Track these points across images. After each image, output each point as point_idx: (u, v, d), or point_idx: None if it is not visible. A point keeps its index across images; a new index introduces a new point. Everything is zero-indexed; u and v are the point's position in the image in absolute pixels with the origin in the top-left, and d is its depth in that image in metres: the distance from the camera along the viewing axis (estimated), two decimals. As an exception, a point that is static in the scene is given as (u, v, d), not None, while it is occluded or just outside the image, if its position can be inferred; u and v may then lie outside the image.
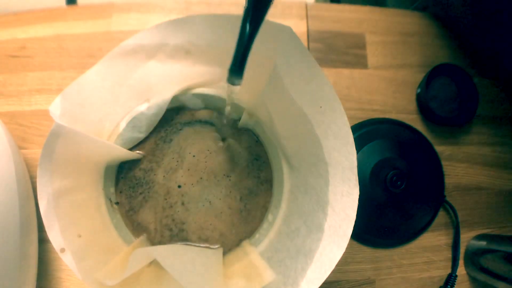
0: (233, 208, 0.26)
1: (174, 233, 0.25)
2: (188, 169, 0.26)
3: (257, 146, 0.27)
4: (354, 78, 0.36)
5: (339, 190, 0.22)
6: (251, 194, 0.26)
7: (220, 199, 0.26)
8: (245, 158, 0.27)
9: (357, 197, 0.21)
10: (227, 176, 0.26)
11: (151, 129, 0.26)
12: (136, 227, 0.25)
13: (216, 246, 0.25)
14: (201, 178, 0.26)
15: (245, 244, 0.25)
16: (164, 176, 0.26)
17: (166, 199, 0.26)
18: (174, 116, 0.27)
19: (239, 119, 0.27)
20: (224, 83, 0.27)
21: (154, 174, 0.26)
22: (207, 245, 0.25)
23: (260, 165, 0.27)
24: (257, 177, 0.27)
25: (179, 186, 0.26)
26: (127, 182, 0.26)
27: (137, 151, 0.26)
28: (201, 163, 0.26)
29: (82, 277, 0.20)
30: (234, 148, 0.27)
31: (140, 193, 0.26)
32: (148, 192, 0.26)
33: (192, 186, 0.26)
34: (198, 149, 0.26)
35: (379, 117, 0.36)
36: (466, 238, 0.34)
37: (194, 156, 0.26)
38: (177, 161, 0.26)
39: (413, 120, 0.36)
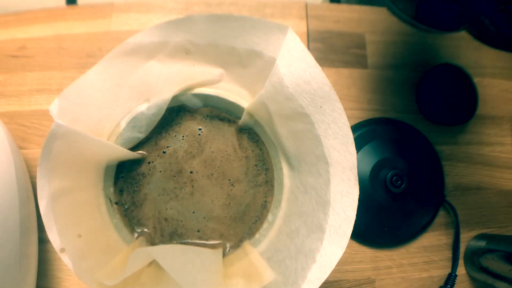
0: (234, 209, 0.26)
1: (174, 232, 0.25)
2: (205, 161, 0.26)
3: (258, 147, 0.27)
4: (354, 78, 0.37)
5: (339, 190, 0.22)
6: (251, 195, 0.26)
7: (221, 200, 0.26)
8: (249, 162, 0.27)
9: (357, 196, 0.21)
10: (231, 184, 0.26)
11: (151, 129, 0.26)
12: (136, 225, 0.25)
13: (216, 243, 0.25)
14: (212, 174, 0.26)
15: (245, 244, 0.25)
16: (173, 164, 0.26)
17: (168, 194, 0.26)
18: (174, 116, 0.27)
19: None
20: (224, 83, 0.27)
21: (159, 171, 0.26)
22: (207, 244, 0.25)
23: (261, 166, 0.27)
24: (258, 179, 0.27)
25: (191, 172, 0.26)
26: (128, 180, 0.26)
27: (138, 151, 0.26)
28: (217, 160, 0.26)
29: (82, 277, 0.20)
30: (246, 156, 0.27)
31: (141, 191, 0.26)
32: (150, 189, 0.26)
33: (202, 177, 0.26)
34: (218, 148, 0.26)
35: (379, 116, 0.36)
36: (466, 238, 0.34)
37: (213, 152, 0.26)
38: (197, 149, 0.26)
39: (413, 120, 0.36)
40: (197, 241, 0.25)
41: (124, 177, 0.26)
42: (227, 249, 0.25)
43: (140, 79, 0.25)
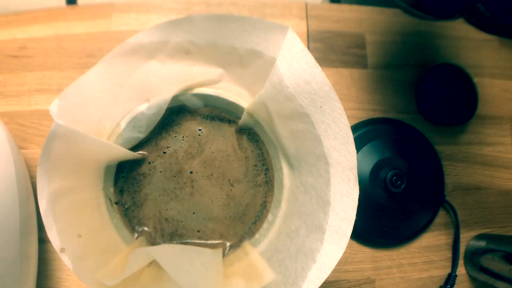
0: (233, 210, 0.26)
1: (175, 233, 0.25)
2: (205, 161, 0.26)
3: (258, 147, 0.27)
4: (354, 78, 0.37)
5: (339, 190, 0.22)
6: (251, 195, 0.26)
7: (221, 201, 0.26)
8: (249, 162, 0.27)
9: (357, 196, 0.21)
10: (231, 184, 0.26)
11: (151, 129, 0.26)
12: (137, 224, 0.25)
13: (216, 243, 0.25)
14: (211, 174, 0.26)
15: (245, 244, 0.25)
16: (173, 165, 0.26)
17: (169, 194, 0.26)
18: (174, 117, 0.27)
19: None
20: (224, 83, 0.27)
21: (159, 171, 0.26)
22: (207, 244, 0.25)
23: (261, 166, 0.27)
24: (258, 179, 0.27)
25: (191, 172, 0.26)
26: (129, 180, 0.26)
27: (139, 152, 0.26)
28: (217, 161, 0.26)
29: (82, 277, 0.20)
30: (246, 156, 0.27)
31: (142, 191, 0.26)
32: (151, 189, 0.26)
33: (202, 177, 0.26)
34: (218, 148, 0.27)
35: (379, 117, 0.36)
36: (466, 238, 0.34)
37: (212, 152, 0.26)
38: (197, 150, 0.26)
39: (413, 120, 0.36)
40: (197, 241, 0.25)
41: (124, 177, 0.26)
42: (227, 249, 0.25)
43: (140, 79, 0.25)
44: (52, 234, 0.21)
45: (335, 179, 0.22)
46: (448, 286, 0.32)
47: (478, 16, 0.27)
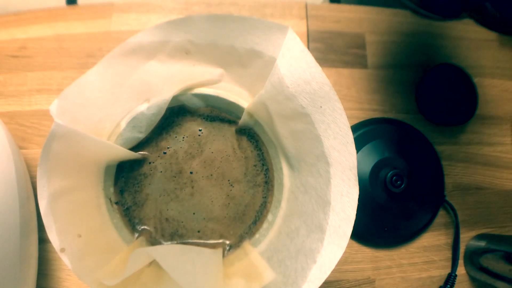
0: (233, 210, 0.26)
1: (175, 233, 0.25)
2: (204, 161, 0.26)
3: (257, 147, 0.27)
4: (354, 78, 0.37)
5: (339, 190, 0.22)
6: (250, 195, 0.26)
7: (221, 201, 0.26)
8: (249, 162, 0.27)
9: (357, 196, 0.21)
10: (230, 184, 0.26)
11: (151, 129, 0.26)
12: (137, 224, 0.25)
13: (216, 242, 0.25)
14: (211, 174, 0.26)
15: (245, 244, 0.25)
16: (173, 165, 0.26)
17: (169, 194, 0.26)
18: (174, 117, 0.27)
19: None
20: (224, 83, 0.27)
21: (160, 171, 0.26)
22: (207, 244, 0.25)
23: (261, 166, 0.27)
24: (257, 179, 0.27)
25: (191, 172, 0.26)
26: (130, 180, 0.26)
27: (140, 152, 0.26)
28: (217, 161, 0.26)
29: (82, 277, 0.20)
30: (245, 156, 0.27)
31: (143, 191, 0.26)
32: (152, 189, 0.26)
33: (202, 178, 0.26)
34: (217, 149, 0.27)
35: (379, 117, 0.36)
36: (466, 238, 0.34)
37: (212, 152, 0.26)
38: (197, 150, 0.26)
39: (413, 120, 0.36)
40: (197, 241, 0.25)
41: (124, 177, 0.26)
42: (227, 249, 0.25)
43: (140, 79, 0.25)
44: (52, 234, 0.21)
45: (335, 179, 0.22)
46: (448, 286, 0.32)
47: (486, 15, 0.27)
